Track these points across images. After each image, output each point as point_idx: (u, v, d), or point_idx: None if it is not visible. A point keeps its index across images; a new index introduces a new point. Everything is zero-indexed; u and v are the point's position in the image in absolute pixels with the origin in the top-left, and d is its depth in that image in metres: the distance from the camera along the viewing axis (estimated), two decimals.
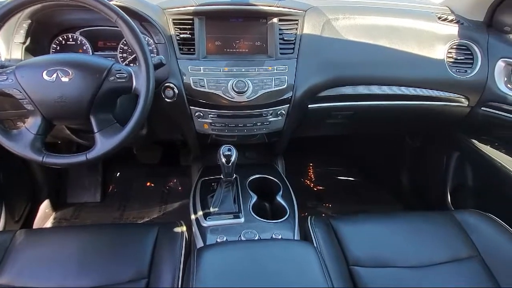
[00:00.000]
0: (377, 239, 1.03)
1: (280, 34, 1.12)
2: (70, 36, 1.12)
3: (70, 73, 0.84)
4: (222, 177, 1.11)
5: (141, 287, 0.87)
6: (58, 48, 1.12)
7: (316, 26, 1.14)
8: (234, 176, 1.15)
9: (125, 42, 1.12)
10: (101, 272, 0.90)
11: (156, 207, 1.86)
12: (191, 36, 1.09)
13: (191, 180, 1.47)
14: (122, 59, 1.14)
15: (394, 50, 1.17)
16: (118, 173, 2.05)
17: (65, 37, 1.12)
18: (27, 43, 1.03)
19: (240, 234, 1.03)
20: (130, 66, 0.99)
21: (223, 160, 1.04)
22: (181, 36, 1.09)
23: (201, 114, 1.11)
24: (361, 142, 2.12)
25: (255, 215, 1.11)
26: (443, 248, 1.00)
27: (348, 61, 1.16)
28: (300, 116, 1.21)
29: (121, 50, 1.14)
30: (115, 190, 1.98)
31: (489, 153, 1.36)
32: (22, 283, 0.87)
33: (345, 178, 2.18)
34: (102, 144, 0.87)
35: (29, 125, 0.86)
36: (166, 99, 1.06)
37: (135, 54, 0.87)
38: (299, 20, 1.14)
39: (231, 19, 1.13)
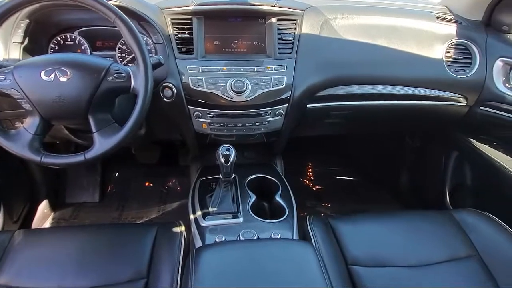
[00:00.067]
0: (376, 238, 1.03)
1: (278, 33, 1.12)
2: (68, 36, 1.12)
3: (68, 73, 0.84)
4: (221, 177, 1.11)
5: (140, 287, 0.87)
6: (56, 48, 1.12)
7: (314, 26, 1.14)
8: (233, 176, 1.15)
9: (123, 42, 1.12)
10: (100, 272, 0.89)
11: (155, 207, 1.86)
12: (189, 35, 1.09)
13: (189, 180, 1.47)
14: (121, 59, 1.14)
15: (392, 50, 1.17)
16: (117, 173, 2.05)
17: (63, 37, 1.12)
18: (25, 43, 1.03)
19: (239, 234, 1.03)
20: (128, 66, 0.99)
21: (222, 160, 1.04)
22: (179, 35, 1.09)
23: (200, 114, 1.11)
24: (360, 141, 2.12)
25: (254, 215, 1.10)
26: (442, 247, 1.00)
27: (346, 60, 1.16)
28: (299, 115, 1.21)
29: (119, 50, 1.14)
30: (113, 190, 1.97)
31: (488, 152, 1.36)
32: (21, 283, 0.86)
33: (344, 178, 2.17)
34: (100, 144, 0.87)
35: (27, 125, 0.86)
36: (164, 99, 1.06)
37: (133, 54, 0.87)
38: (298, 20, 1.14)
39: (229, 19, 1.13)
